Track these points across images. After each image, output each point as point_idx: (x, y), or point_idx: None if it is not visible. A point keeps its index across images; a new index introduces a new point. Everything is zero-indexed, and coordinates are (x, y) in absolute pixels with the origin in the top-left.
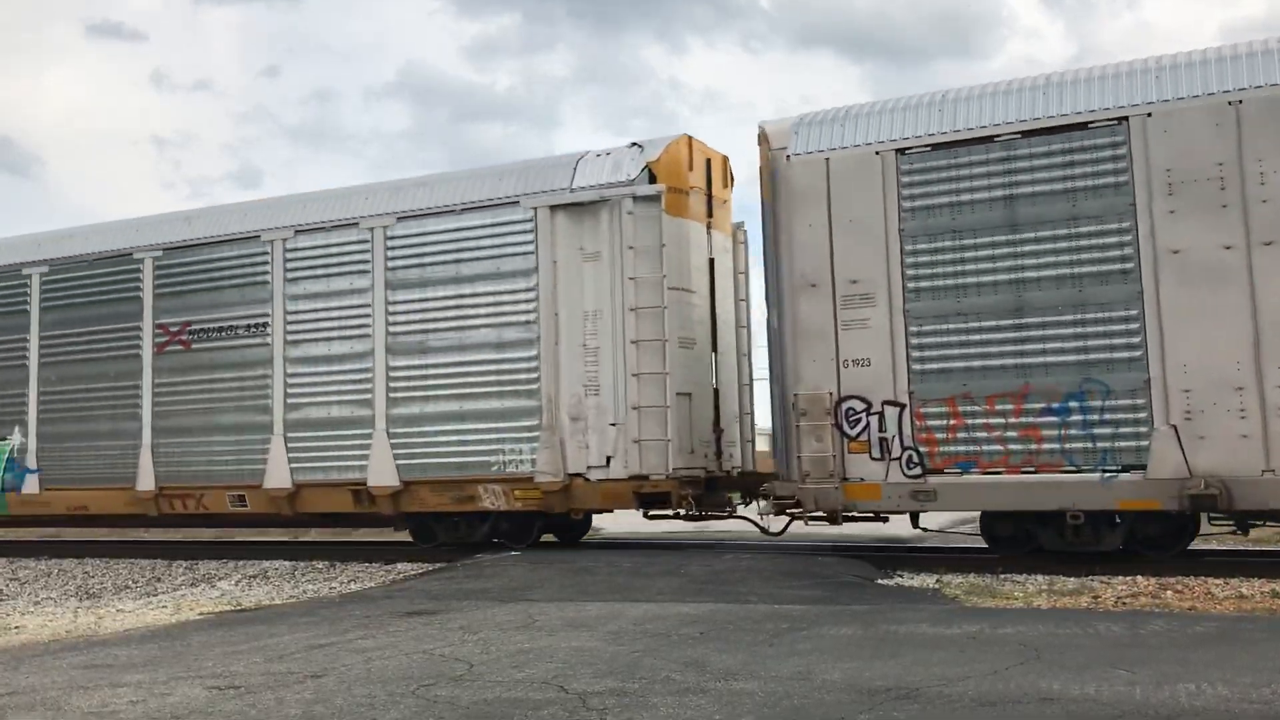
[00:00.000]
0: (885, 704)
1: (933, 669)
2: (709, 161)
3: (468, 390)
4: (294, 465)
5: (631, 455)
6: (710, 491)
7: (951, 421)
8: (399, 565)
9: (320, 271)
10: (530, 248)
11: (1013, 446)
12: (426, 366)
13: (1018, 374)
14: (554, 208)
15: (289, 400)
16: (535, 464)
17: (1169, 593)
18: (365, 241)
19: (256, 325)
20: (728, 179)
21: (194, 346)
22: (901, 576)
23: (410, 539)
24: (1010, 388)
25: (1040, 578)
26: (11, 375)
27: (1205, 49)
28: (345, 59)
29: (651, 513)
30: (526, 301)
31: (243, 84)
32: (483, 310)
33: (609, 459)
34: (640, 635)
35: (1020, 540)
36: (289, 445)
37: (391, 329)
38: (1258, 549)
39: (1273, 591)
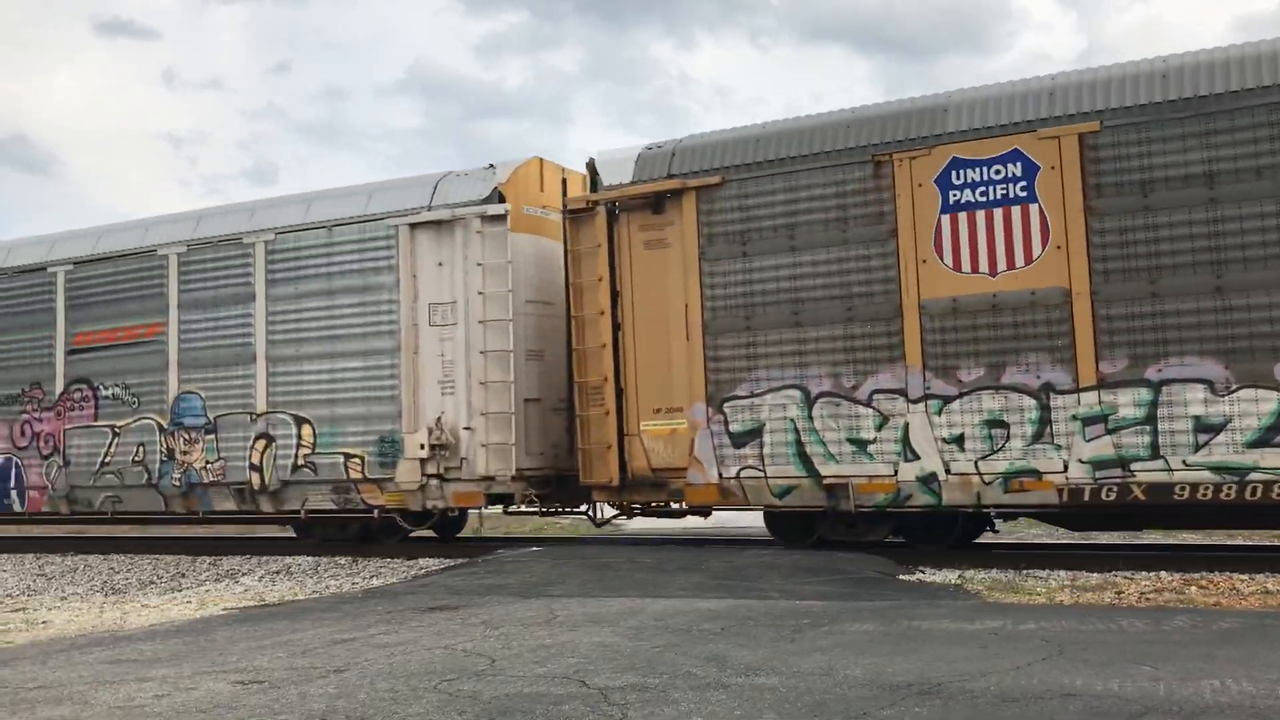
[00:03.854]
0: (907, 699)
1: (954, 665)
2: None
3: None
4: None
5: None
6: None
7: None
8: (420, 561)
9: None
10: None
11: None
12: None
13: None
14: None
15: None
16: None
17: (1193, 588)
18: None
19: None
20: None
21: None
22: (923, 572)
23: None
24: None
25: (1063, 573)
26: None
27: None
28: (354, 56)
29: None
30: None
31: (253, 81)
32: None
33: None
34: (661, 630)
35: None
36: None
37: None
38: None
39: None
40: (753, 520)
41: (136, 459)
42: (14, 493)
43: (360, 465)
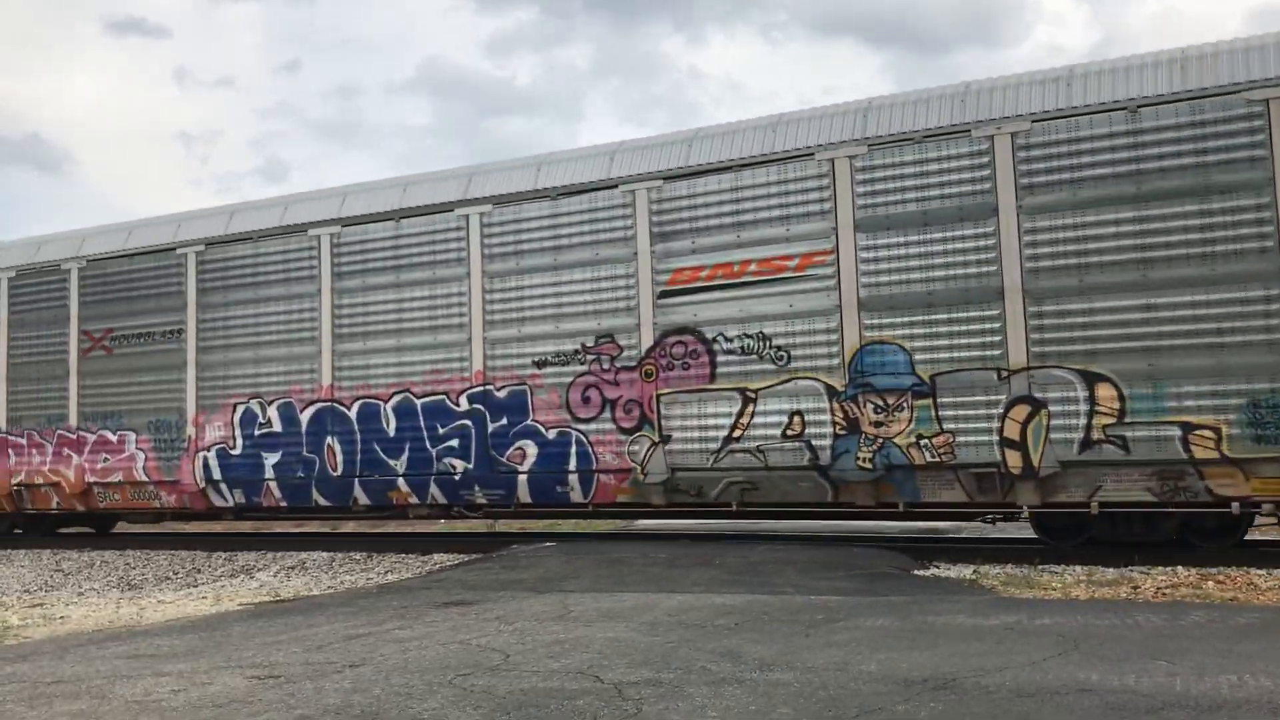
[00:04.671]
0: (922, 694)
1: (970, 660)
2: None
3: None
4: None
5: None
6: None
7: None
8: (435, 556)
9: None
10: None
11: None
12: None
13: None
14: None
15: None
16: None
17: (1210, 583)
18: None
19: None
20: None
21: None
22: (938, 567)
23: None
24: None
25: (1078, 568)
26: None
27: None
28: (365, 54)
29: None
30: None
31: (264, 79)
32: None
33: None
34: (676, 626)
35: None
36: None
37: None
38: None
39: None
40: (767, 517)
41: (791, 432)
42: (573, 478)
43: (1214, 440)
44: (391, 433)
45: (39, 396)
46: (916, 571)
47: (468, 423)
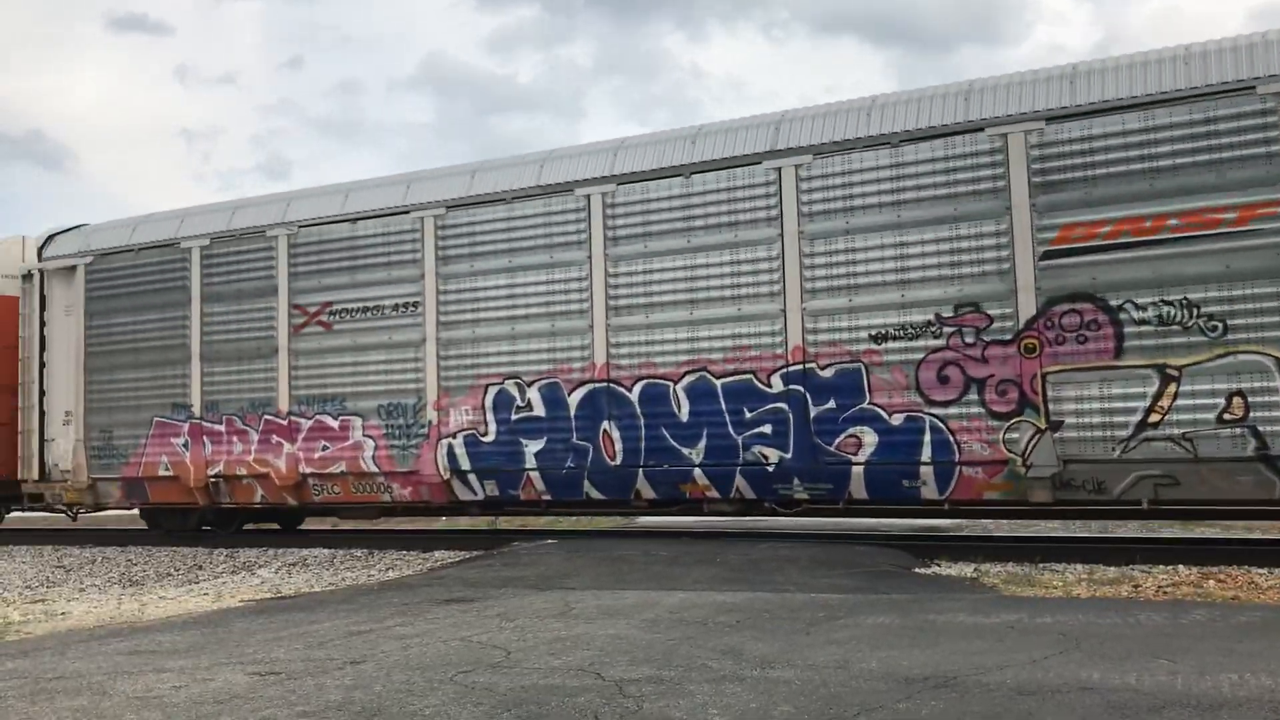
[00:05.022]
0: (923, 692)
1: (971, 658)
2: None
3: None
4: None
5: None
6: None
7: None
8: (436, 553)
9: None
10: None
11: None
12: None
13: None
14: None
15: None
16: None
17: (1211, 582)
18: None
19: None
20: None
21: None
22: (939, 565)
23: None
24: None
25: (1080, 567)
26: None
27: None
28: (367, 51)
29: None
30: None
31: (267, 76)
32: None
33: None
34: (677, 623)
35: None
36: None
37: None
38: None
39: None
40: (770, 517)
41: (1229, 416)
42: (926, 470)
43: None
44: (684, 417)
45: (240, 378)
46: (918, 570)
47: (782, 406)
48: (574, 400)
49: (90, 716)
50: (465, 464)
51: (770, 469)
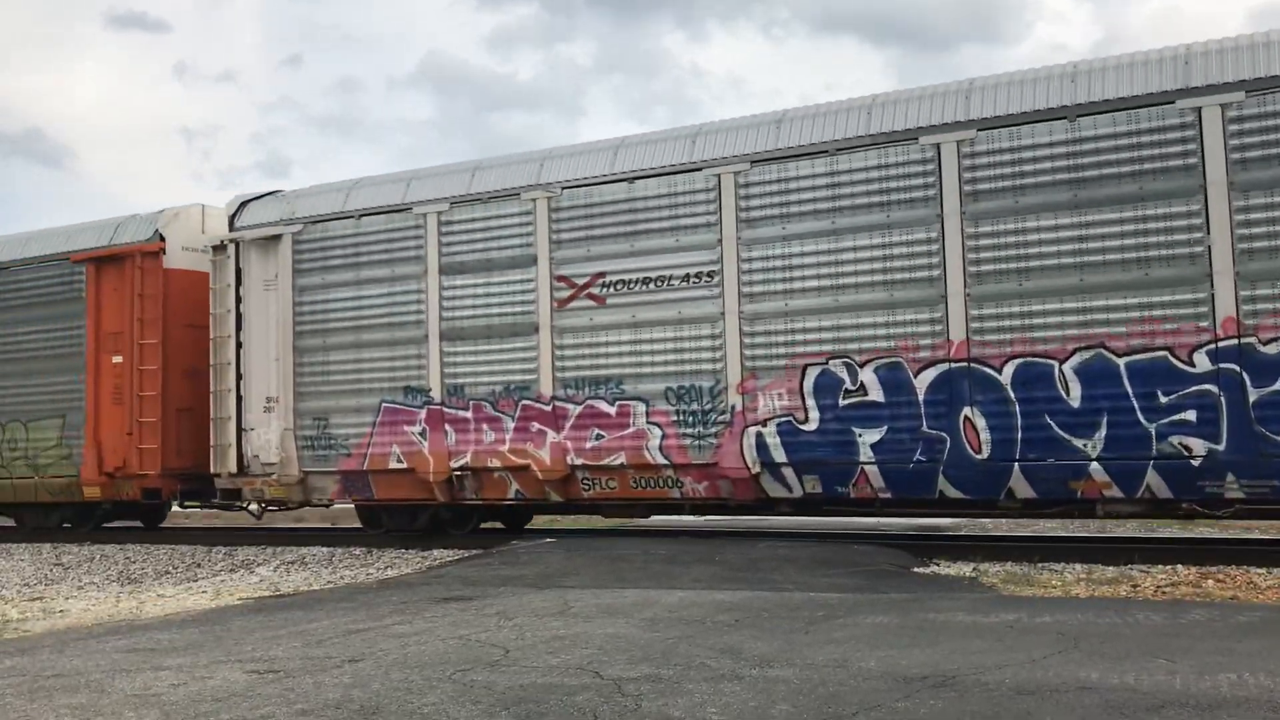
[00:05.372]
0: (922, 691)
1: (970, 657)
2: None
3: None
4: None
5: (136, 459)
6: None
7: None
8: (434, 552)
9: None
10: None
11: None
12: None
13: None
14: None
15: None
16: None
17: (1210, 582)
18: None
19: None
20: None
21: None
22: (938, 565)
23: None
24: None
25: (1078, 566)
26: None
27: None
28: (367, 49)
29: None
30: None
31: (266, 75)
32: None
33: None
34: (675, 622)
35: None
36: None
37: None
38: None
39: None
40: (770, 516)
41: None
42: None
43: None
44: (1074, 402)
45: (490, 358)
46: (916, 569)
47: (1211, 388)
48: (922, 383)
49: (88, 714)
50: (780, 456)
51: (1196, 463)
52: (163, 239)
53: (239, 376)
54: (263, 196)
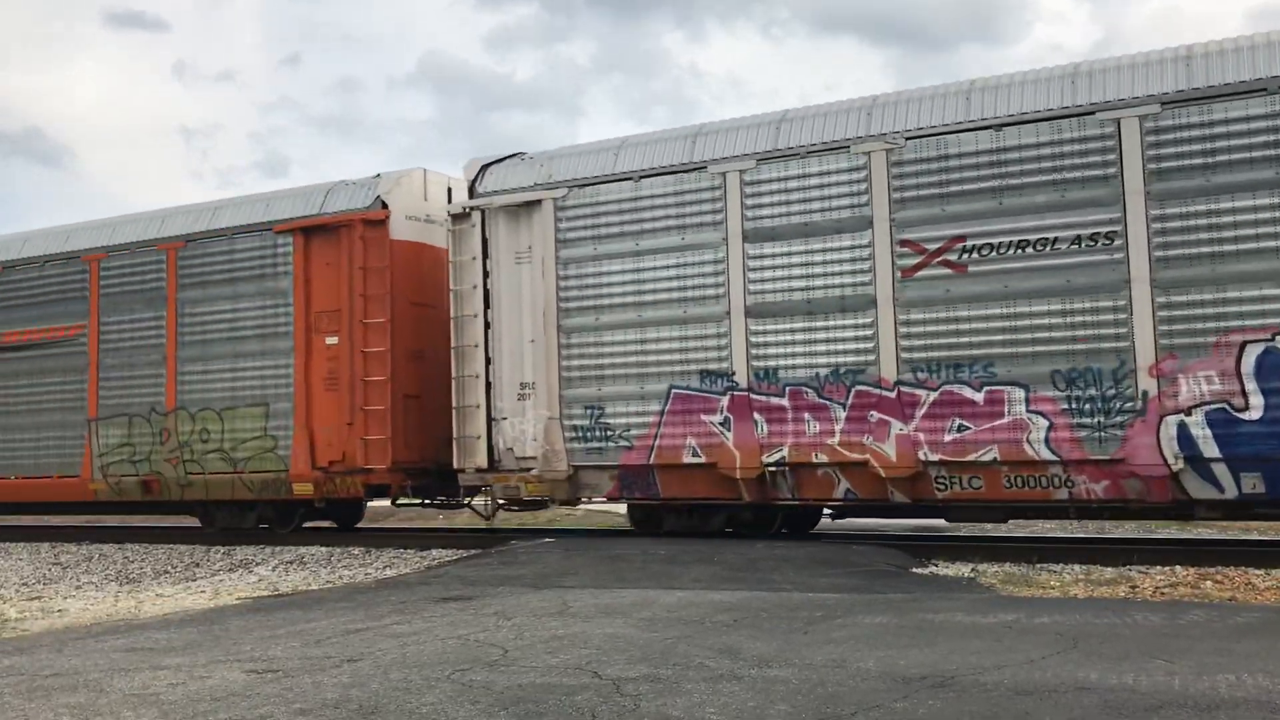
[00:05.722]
0: (920, 692)
1: (968, 657)
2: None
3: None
4: None
5: (360, 451)
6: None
7: None
8: (433, 551)
9: None
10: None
11: None
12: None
13: None
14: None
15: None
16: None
17: (1208, 583)
18: None
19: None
20: None
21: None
22: (936, 565)
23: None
24: None
25: (1077, 567)
26: None
27: None
28: (366, 48)
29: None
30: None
31: (265, 74)
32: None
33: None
34: (674, 622)
35: None
36: None
37: None
38: None
39: None
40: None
41: None
42: None
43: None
44: None
45: (810, 336)
46: (915, 569)
47: None
48: None
49: (87, 713)
50: (1211, 450)
51: None
52: (385, 206)
53: (487, 361)
54: (505, 159)
